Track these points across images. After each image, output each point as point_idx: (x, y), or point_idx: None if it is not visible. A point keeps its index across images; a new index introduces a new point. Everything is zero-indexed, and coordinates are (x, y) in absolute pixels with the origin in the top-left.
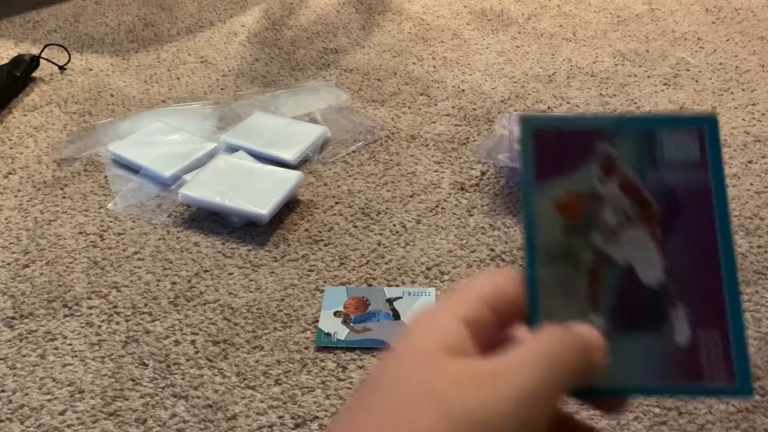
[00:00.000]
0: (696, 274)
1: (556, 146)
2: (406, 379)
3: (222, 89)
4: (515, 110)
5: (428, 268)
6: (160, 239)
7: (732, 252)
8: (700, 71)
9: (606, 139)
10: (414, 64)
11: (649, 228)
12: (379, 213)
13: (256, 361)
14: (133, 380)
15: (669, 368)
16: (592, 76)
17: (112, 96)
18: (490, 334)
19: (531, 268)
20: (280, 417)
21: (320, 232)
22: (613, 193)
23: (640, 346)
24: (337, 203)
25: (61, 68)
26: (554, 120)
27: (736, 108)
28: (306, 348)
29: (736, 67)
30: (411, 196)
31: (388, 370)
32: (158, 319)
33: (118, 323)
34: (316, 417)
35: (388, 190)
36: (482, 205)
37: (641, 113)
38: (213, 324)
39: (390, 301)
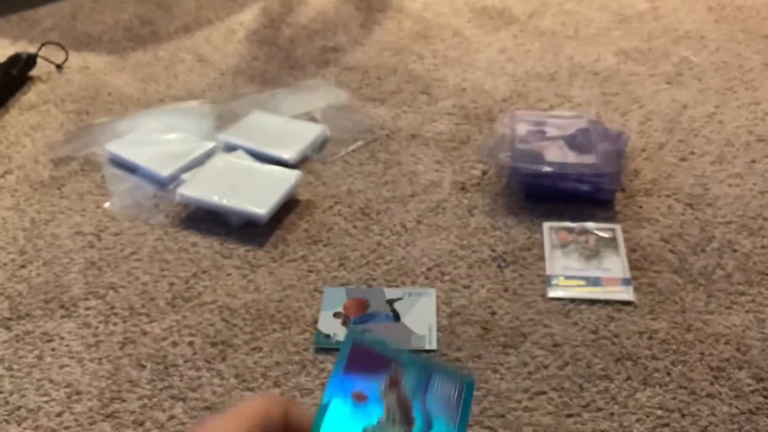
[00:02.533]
0: None
1: (366, 355)
2: None
3: (220, 88)
4: (517, 109)
5: (429, 269)
6: (157, 239)
7: None
8: (703, 70)
9: (400, 365)
10: (414, 62)
11: None
12: (379, 213)
13: (255, 363)
14: (130, 382)
15: None
16: (594, 74)
17: (109, 95)
18: None
19: (319, 426)
20: None
21: (319, 232)
22: (391, 401)
23: None
24: (336, 203)
25: (59, 67)
26: (371, 339)
27: (739, 107)
28: (305, 349)
29: (740, 65)
30: (411, 196)
31: None
32: (156, 321)
33: (115, 324)
34: None
35: (388, 190)
36: (483, 205)
37: (426, 357)
38: (211, 325)
39: (390, 302)
